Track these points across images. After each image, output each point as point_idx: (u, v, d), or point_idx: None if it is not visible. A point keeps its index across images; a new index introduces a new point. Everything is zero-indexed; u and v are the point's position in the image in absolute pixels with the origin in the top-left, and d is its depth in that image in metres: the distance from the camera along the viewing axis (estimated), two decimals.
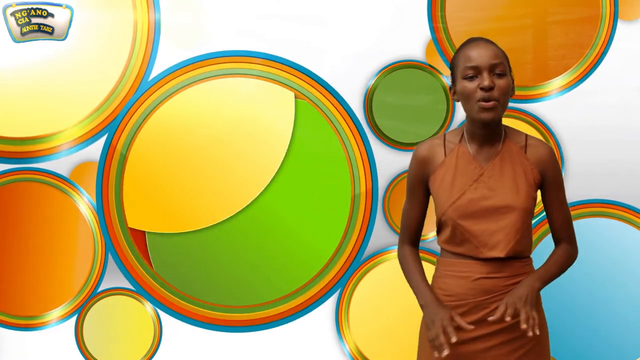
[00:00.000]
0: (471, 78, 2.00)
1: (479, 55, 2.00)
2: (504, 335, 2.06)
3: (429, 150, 2.13)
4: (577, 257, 2.20)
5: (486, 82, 1.97)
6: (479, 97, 1.99)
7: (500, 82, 2.00)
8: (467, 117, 2.11)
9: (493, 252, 2.05)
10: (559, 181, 2.13)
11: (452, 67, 2.08)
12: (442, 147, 2.12)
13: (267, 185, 3.25)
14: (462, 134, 2.12)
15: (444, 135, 2.15)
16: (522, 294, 1.99)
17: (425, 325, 2.06)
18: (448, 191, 2.07)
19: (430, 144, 2.14)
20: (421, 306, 2.09)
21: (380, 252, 3.24)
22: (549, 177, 2.10)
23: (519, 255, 2.09)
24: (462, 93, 2.03)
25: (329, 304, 3.29)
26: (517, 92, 3.19)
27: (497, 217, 2.04)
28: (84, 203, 3.22)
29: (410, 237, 2.22)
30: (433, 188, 2.12)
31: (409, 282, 2.18)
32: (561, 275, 2.15)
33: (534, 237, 2.99)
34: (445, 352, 1.93)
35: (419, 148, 2.15)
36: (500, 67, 2.00)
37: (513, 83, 2.08)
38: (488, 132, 2.08)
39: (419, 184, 2.16)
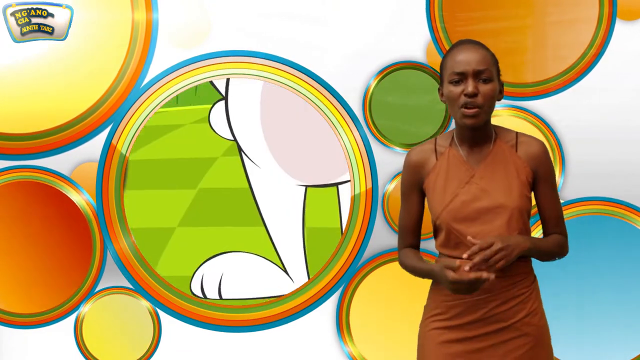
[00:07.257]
0: (457, 82, 2.01)
1: (465, 61, 2.00)
2: (503, 334, 2.05)
3: (421, 155, 2.13)
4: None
5: (470, 89, 1.98)
6: (462, 103, 1.99)
7: (485, 88, 2.00)
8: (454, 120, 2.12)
9: None
10: (552, 176, 2.11)
11: (441, 69, 2.09)
12: (433, 151, 2.12)
13: None
14: (453, 137, 2.12)
15: (435, 139, 2.15)
16: (509, 239, 1.95)
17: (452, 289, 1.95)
18: (441, 195, 2.07)
19: (422, 149, 2.15)
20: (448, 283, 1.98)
21: (382, 254, 3.24)
22: (541, 172, 2.08)
23: None
24: (448, 97, 2.04)
25: (329, 304, 3.29)
26: (517, 90, 3.23)
27: (491, 217, 2.02)
28: (84, 201, 3.22)
29: (409, 242, 2.21)
30: (427, 193, 2.13)
31: (421, 276, 2.13)
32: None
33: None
34: (491, 277, 1.87)
35: (410, 154, 2.16)
36: (486, 73, 2.00)
37: (502, 86, 2.07)
38: (477, 135, 2.07)
39: (413, 190, 2.16)
